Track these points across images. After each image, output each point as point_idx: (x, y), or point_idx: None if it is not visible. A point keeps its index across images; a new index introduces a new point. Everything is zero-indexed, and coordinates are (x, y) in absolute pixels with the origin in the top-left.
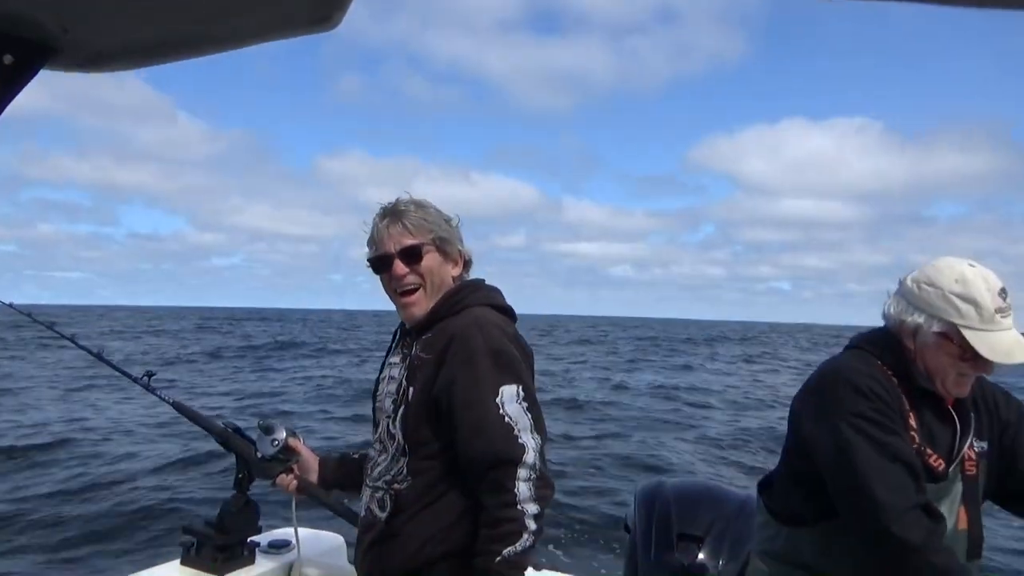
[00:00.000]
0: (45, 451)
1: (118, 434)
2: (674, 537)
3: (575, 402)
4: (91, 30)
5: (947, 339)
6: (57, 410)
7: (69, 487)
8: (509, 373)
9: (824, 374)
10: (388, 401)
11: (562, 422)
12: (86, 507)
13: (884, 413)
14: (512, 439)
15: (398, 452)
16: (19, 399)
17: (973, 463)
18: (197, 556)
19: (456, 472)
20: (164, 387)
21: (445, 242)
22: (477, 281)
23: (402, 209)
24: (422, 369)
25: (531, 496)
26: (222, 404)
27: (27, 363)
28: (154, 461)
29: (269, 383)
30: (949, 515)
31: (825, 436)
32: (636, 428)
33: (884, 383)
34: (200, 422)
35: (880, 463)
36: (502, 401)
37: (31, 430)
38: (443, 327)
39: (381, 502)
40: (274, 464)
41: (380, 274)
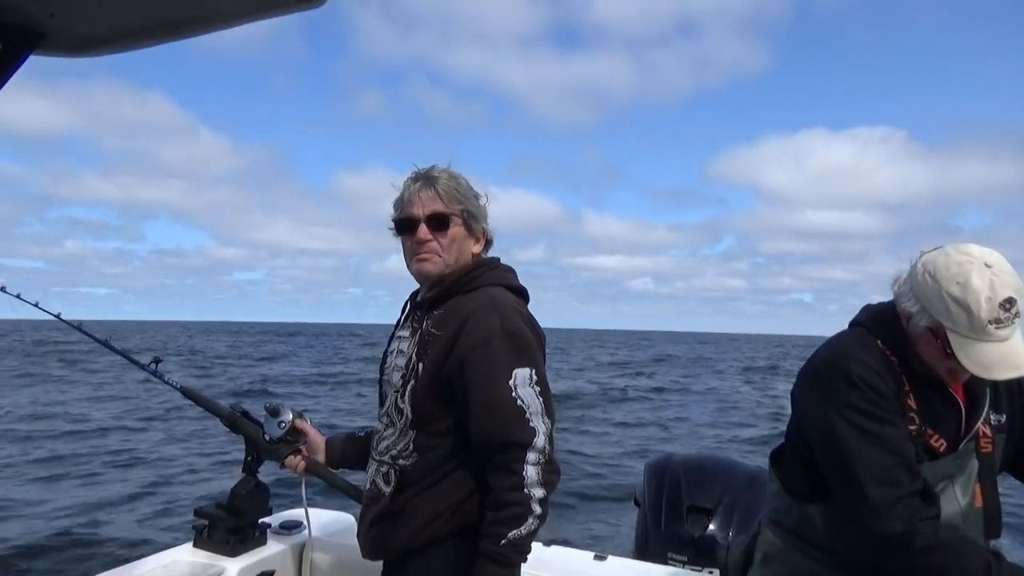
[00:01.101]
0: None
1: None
2: (684, 509)
3: None
4: (78, 15)
5: (934, 336)
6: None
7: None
8: (524, 356)
9: (819, 361)
10: (397, 375)
11: None
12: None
13: (875, 403)
14: (523, 422)
15: (406, 427)
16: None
17: (989, 440)
18: (210, 539)
19: (464, 451)
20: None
21: (472, 216)
22: (493, 259)
23: (436, 175)
24: (434, 345)
25: (539, 480)
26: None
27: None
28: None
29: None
30: (964, 493)
31: (818, 427)
32: None
33: (880, 369)
34: (208, 406)
35: (868, 455)
36: (515, 384)
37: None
38: (456, 304)
39: (386, 476)
40: (282, 446)
41: (403, 235)
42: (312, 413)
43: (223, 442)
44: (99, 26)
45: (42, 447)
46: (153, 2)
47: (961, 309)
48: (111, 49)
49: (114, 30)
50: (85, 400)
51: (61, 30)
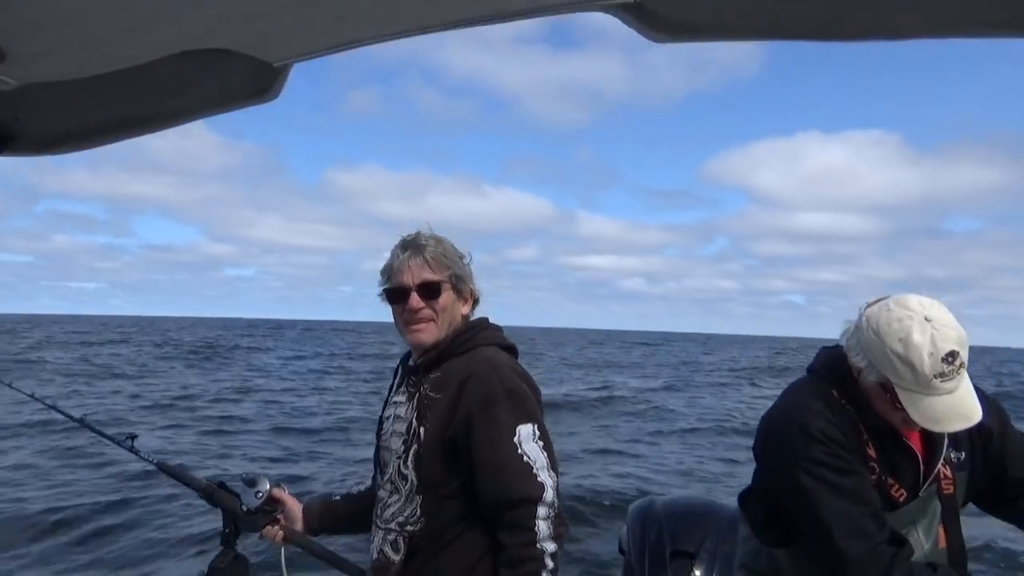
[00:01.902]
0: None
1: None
2: (667, 555)
3: None
4: (42, 119)
5: (884, 390)
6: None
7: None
8: (524, 413)
9: (778, 417)
10: (397, 441)
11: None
12: None
13: (837, 455)
14: (531, 478)
15: (412, 492)
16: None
17: (950, 481)
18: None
19: (472, 512)
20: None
21: (460, 280)
22: (483, 320)
23: (423, 243)
24: (434, 408)
25: (550, 534)
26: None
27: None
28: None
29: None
30: (927, 536)
31: (784, 485)
32: None
33: (837, 421)
34: (183, 479)
35: (836, 508)
36: (520, 440)
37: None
38: (452, 366)
39: (394, 544)
40: (259, 516)
41: (394, 305)
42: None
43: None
44: (61, 129)
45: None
46: (114, 104)
47: (905, 366)
48: (74, 148)
49: (77, 131)
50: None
51: (26, 133)
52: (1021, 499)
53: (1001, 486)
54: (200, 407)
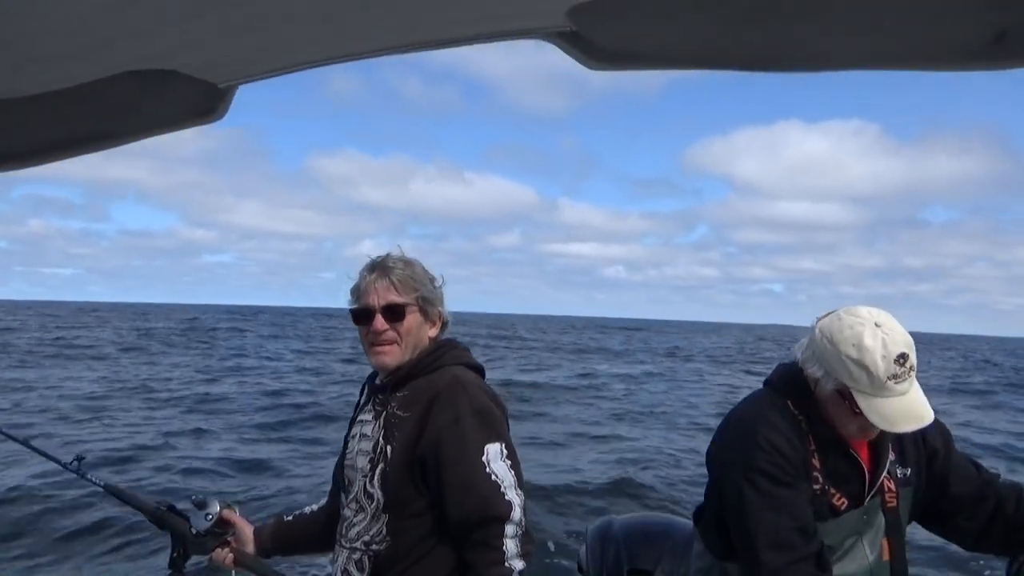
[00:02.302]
0: None
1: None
2: (624, 573)
3: None
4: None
5: (841, 397)
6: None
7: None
8: (492, 431)
9: (733, 421)
10: (363, 460)
11: None
12: None
13: (779, 465)
14: (499, 496)
15: (378, 511)
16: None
17: (893, 494)
18: None
19: (438, 531)
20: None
21: (428, 303)
22: (452, 341)
23: (391, 265)
24: (400, 427)
25: (517, 552)
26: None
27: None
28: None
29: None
30: (872, 548)
31: (727, 490)
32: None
33: (786, 430)
34: (132, 502)
35: (766, 519)
36: (488, 460)
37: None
38: (420, 385)
39: (359, 564)
40: (209, 539)
41: (360, 325)
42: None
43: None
44: (11, 146)
45: None
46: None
47: (860, 369)
48: (23, 165)
49: (25, 149)
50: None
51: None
52: (960, 515)
53: (941, 502)
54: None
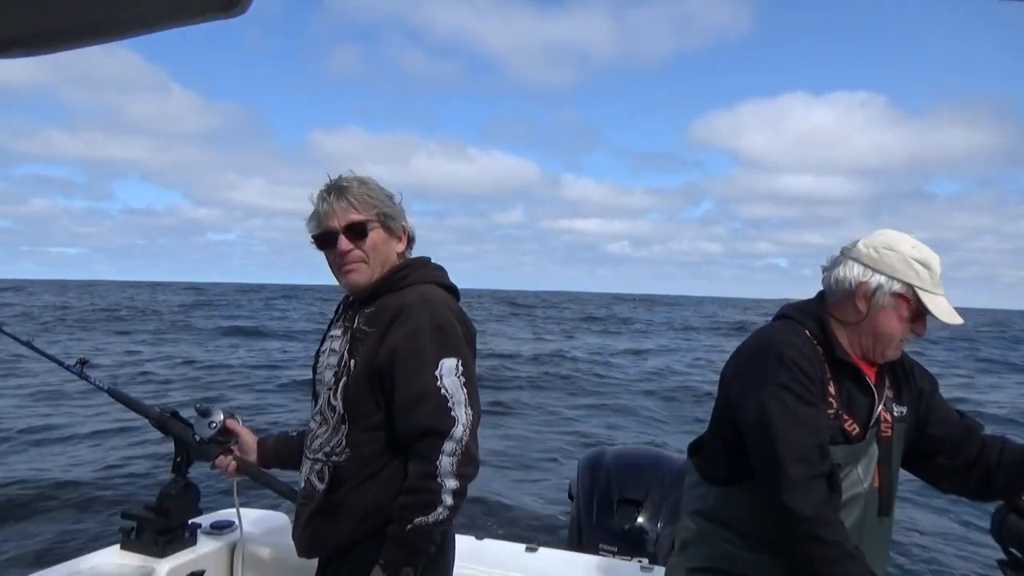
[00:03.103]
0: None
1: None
2: (614, 503)
3: None
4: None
5: (903, 299)
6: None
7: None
8: (450, 347)
9: (753, 343)
10: (329, 373)
11: None
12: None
13: (803, 384)
14: (445, 411)
15: (339, 423)
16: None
17: (889, 425)
18: (137, 540)
19: (397, 445)
20: None
21: (389, 218)
22: (423, 259)
23: (345, 185)
24: (364, 342)
25: (452, 471)
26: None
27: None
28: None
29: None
30: (865, 475)
31: (748, 403)
32: None
33: (808, 353)
34: (136, 408)
35: (791, 433)
36: (440, 374)
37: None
38: (387, 301)
39: (320, 474)
40: (212, 446)
41: (324, 250)
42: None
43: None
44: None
45: None
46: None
47: (923, 267)
48: (32, 52)
49: (34, 33)
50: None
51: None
52: (939, 455)
53: (924, 442)
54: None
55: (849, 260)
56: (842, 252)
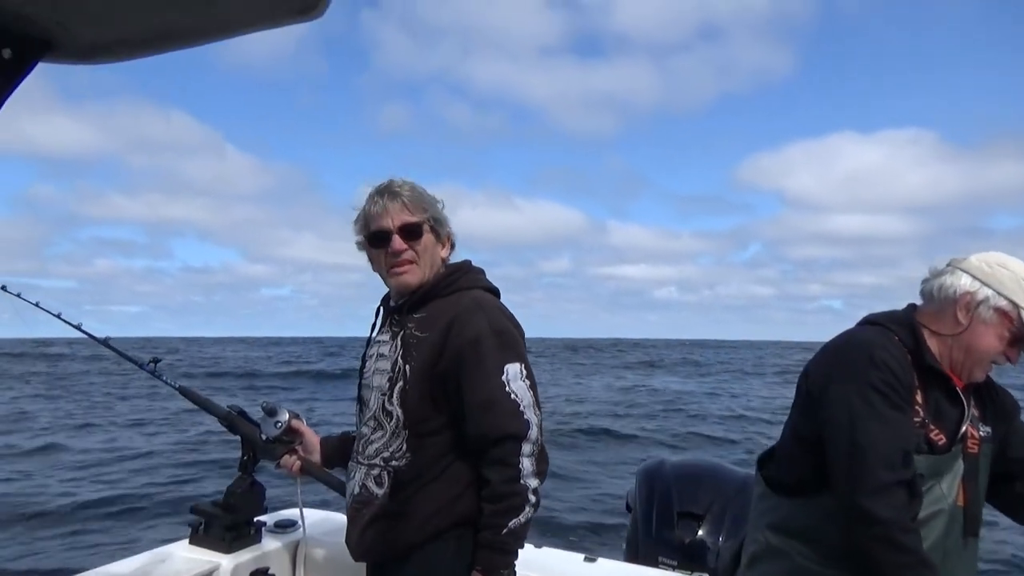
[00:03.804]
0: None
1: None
2: (674, 515)
3: None
4: (85, 23)
5: (1006, 317)
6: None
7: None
8: (512, 351)
9: (842, 341)
10: (380, 378)
11: None
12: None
13: (892, 386)
14: (518, 415)
15: (398, 428)
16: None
17: (976, 442)
18: (205, 535)
19: (457, 447)
20: None
21: (438, 223)
22: (466, 263)
23: (398, 188)
24: (420, 347)
25: (533, 471)
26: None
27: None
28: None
29: None
30: (949, 491)
31: (834, 400)
32: None
33: (899, 357)
34: (205, 406)
35: (877, 435)
36: (507, 379)
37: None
38: (438, 306)
39: (378, 479)
40: (278, 446)
41: (375, 249)
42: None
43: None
44: (104, 34)
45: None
46: (159, 11)
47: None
48: (116, 57)
49: (120, 38)
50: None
51: (68, 38)
52: (1017, 482)
53: (1002, 464)
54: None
55: (958, 271)
56: (950, 263)
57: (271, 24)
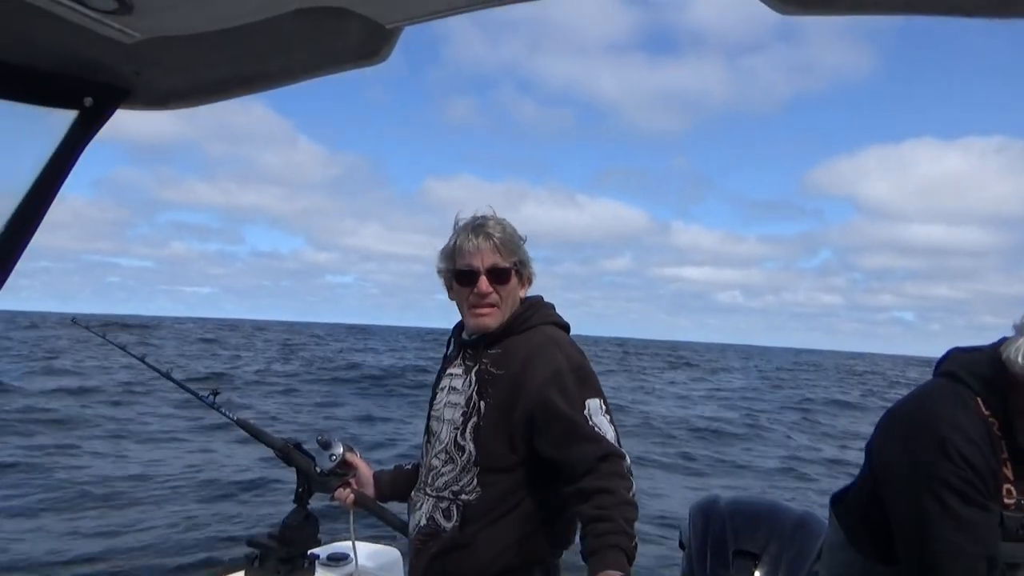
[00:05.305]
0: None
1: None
2: (730, 554)
3: None
4: (160, 73)
5: None
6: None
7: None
8: (591, 388)
9: (913, 420)
10: (455, 412)
11: None
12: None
13: (970, 481)
14: (610, 444)
15: (469, 463)
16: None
17: None
18: (261, 568)
19: (529, 486)
20: None
21: (523, 265)
22: (539, 299)
23: (491, 228)
24: (496, 384)
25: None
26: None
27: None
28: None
29: None
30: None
31: (901, 495)
32: None
33: (978, 437)
34: (262, 439)
35: (953, 541)
36: (589, 414)
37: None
38: (513, 344)
39: (447, 512)
40: (332, 478)
41: (462, 287)
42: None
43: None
44: (179, 83)
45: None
46: (229, 60)
47: None
48: (189, 103)
49: (193, 86)
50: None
51: (145, 87)
52: None
53: None
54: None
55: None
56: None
57: (335, 70)
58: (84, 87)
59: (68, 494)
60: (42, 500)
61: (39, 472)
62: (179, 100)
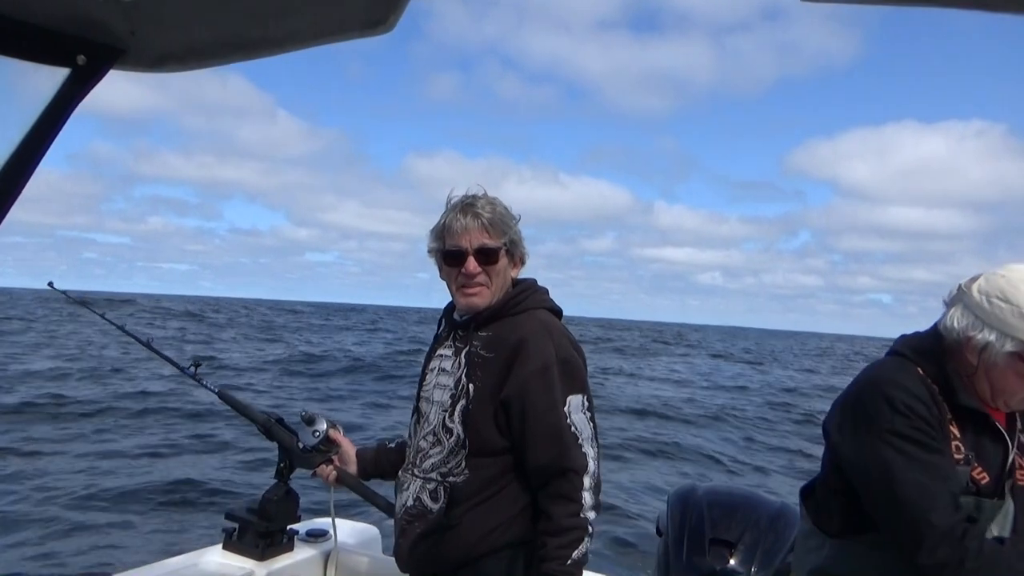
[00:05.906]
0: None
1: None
2: (706, 542)
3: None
4: (157, 33)
5: (1017, 357)
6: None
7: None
8: (575, 383)
9: (859, 388)
10: (443, 394)
11: None
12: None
13: (922, 430)
14: (576, 448)
15: (457, 446)
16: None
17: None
18: (239, 541)
19: (514, 470)
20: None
21: (514, 245)
22: (531, 281)
23: (480, 208)
24: (485, 367)
25: (592, 504)
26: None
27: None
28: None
29: None
30: (1003, 529)
31: (860, 455)
32: None
33: (924, 396)
34: (244, 412)
35: (920, 483)
36: (569, 411)
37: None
38: (504, 326)
39: (434, 493)
40: (315, 455)
41: (449, 267)
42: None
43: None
44: (175, 44)
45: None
46: (229, 22)
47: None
48: (186, 66)
49: (190, 48)
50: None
51: (140, 47)
52: None
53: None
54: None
55: (961, 305)
56: (959, 289)
57: (340, 37)
58: (78, 44)
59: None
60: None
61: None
62: (175, 63)
